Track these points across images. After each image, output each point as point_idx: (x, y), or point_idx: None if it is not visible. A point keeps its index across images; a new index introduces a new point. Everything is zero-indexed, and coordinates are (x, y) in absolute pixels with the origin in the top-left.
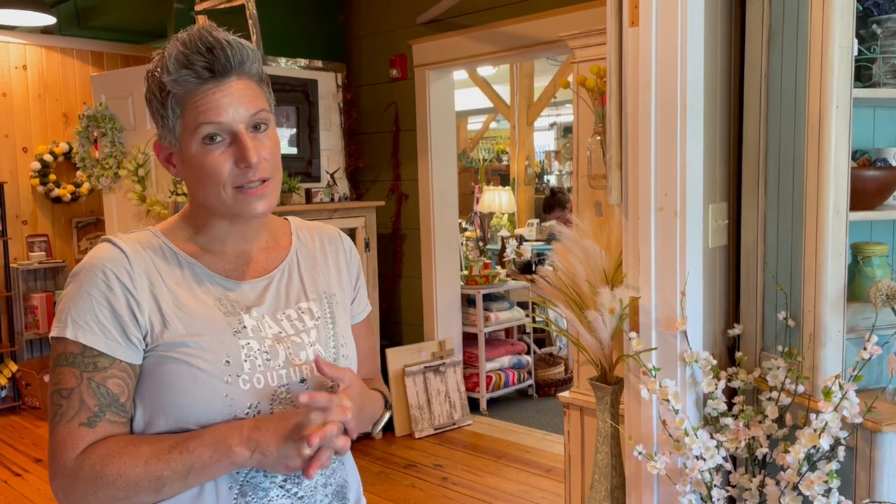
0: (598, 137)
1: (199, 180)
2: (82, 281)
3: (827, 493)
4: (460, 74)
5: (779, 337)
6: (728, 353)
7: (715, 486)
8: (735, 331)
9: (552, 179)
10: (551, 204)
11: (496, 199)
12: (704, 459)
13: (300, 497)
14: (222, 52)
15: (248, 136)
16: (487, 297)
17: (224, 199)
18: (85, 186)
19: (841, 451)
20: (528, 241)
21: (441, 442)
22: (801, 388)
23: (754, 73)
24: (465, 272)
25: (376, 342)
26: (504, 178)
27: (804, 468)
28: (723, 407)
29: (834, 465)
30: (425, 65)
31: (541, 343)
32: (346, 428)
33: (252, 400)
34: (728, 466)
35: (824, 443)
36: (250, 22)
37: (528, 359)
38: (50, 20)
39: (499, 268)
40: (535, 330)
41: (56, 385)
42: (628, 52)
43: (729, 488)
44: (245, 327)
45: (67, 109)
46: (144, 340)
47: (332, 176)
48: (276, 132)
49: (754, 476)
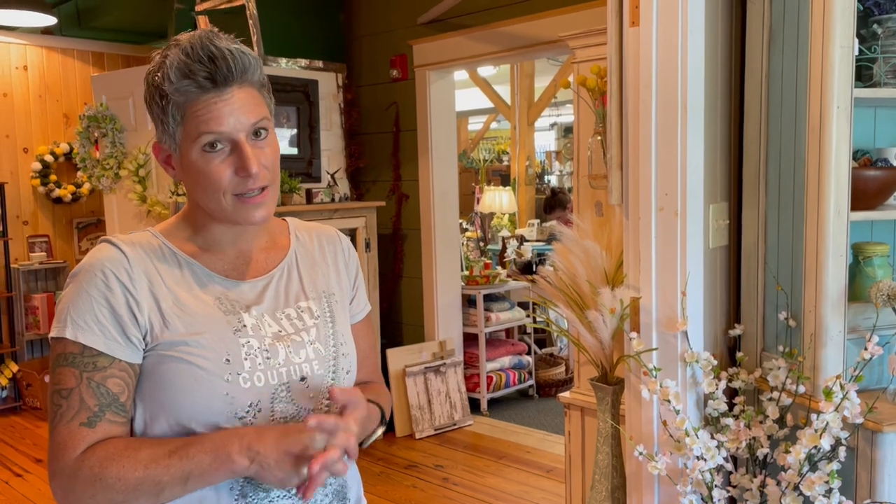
0: (599, 137)
1: (198, 186)
2: (82, 281)
3: (828, 493)
4: (461, 75)
5: (780, 337)
6: (729, 353)
7: (716, 486)
8: (736, 331)
9: (553, 179)
10: (552, 204)
11: (497, 200)
12: (705, 460)
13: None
14: (224, 62)
15: (248, 144)
16: (488, 298)
17: (223, 206)
18: (86, 187)
19: (842, 451)
20: (528, 241)
21: (442, 442)
22: (801, 389)
23: (755, 73)
24: (466, 272)
25: (376, 342)
26: (505, 179)
27: (805, 468)
28: (723, 407)
29: (835, 466)
30: (426, 65)
31: (541, 343)
32: (348, 452)
33: (253, 398)
34: (729, 467)
35: (825, 443)
36: (251, 22)
37: (529, 359)
38: (51, 21)
39: (499, 268)
40: (536, 330)
41: (56, 385)
42: (629, 52)
43: (730, 489)
44: (245, 326)
45: (68, 110)
46: (144, 340)
47: (332, 176)
48: (276, 138)
49: (755, 476)
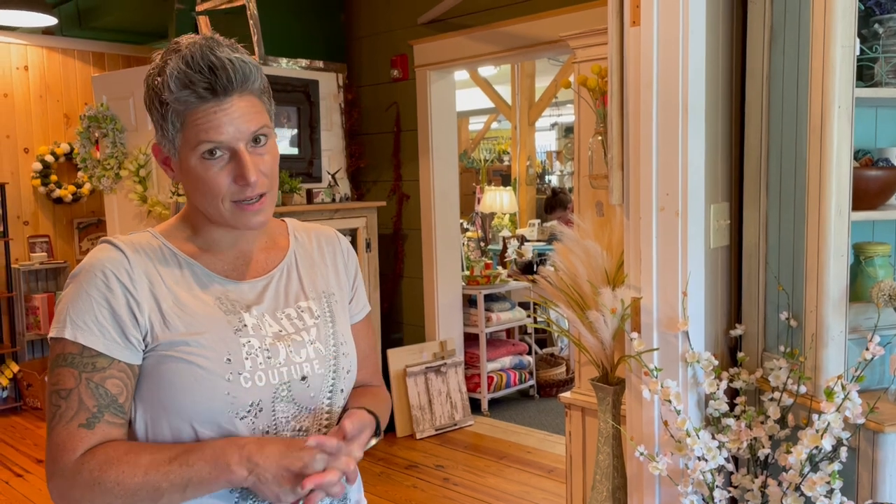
0: (600, 137)
1: (196, 191)
2: (82, 281)
3: (829, 493)
4: (461, 75)
5: (781, 337)
6: (730, 353)
7: (717, 486)
8: (737, 331)
9: (553, 180)
10: (553, 204)
11: (497, 200)
12: (706, 460)
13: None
14: (224, 72)
15: (247, 152)
16: (489, 298)
17: (222, 211)
18: (86, 187)
19: (843, 451)
20: (529, 241)
21: (442, 442)
22: (803, 389)
23: (756, 73)
24: (467, 272)
25: (376, 342)
26: (505, 179)
27: (806, 469)
28: (725, 407)
29: (836, 466)
30: (426, 65)
31: (542, 343)
32: (347, 476)
33: (254, 398)
34: (730, 467)
35: (826, 443)
36: (251, 22)
37: (530, 359)
38: (51, 21)
39: (500, 268)
40: (537, 330)
41: (54, 385)
42: (630, 52)
43: (731, 489)
44: (245, 325)
45: (69, 110)
46: (144, 341)
47: (333, 176)
48: (275, 143)
49: (756, 477)
